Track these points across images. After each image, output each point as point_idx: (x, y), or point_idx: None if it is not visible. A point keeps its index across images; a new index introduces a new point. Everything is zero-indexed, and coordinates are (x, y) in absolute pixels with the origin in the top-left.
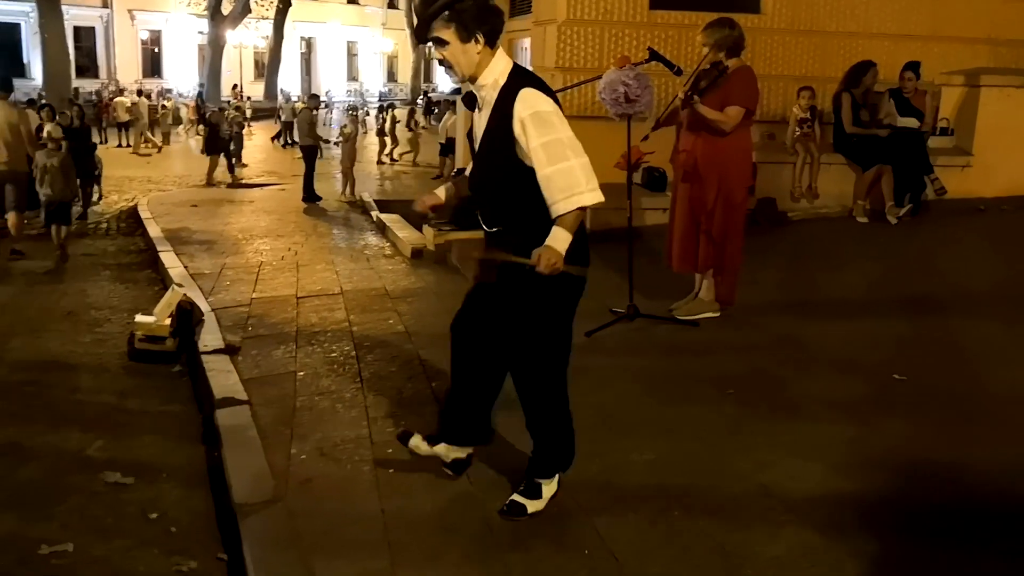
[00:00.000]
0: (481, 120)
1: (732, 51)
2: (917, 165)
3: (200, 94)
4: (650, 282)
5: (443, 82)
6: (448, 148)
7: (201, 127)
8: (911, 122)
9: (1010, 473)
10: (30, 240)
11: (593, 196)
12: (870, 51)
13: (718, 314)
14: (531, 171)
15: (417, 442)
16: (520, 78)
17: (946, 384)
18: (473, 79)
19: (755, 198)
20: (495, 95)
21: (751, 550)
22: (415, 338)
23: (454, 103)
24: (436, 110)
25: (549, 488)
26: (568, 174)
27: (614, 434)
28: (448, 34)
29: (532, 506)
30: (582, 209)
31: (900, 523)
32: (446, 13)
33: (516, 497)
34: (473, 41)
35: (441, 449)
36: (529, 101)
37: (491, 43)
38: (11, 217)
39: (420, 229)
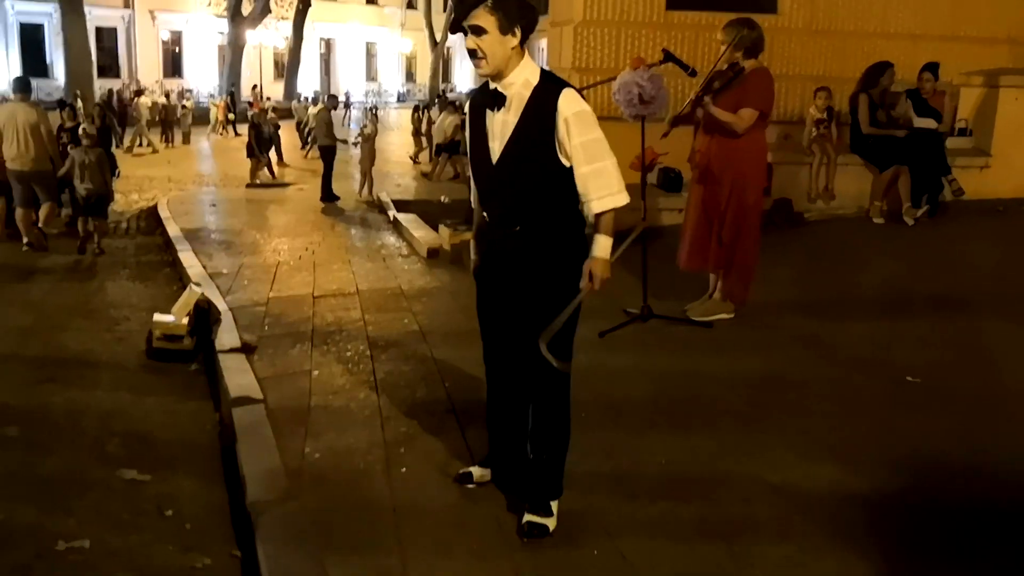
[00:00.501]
0: (507, 118)
1: (750, 52)
2: (935, 166)
3: (231, 94)
4: (664, 283)
5: (461, 82)
6: (447, 148)
7: (230, 128)
8: (929, 123)
9: (1020, 473)
10: (52, 237)
11: (624, 197)
12: (888, 51)
13: (732, 315)
14: (562, 169)
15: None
16: (555, 79)
17: (962, 384)
18: (500, 76)
19: (771, 199)
20: (526, 94)
21: (761, 550)
22: (430, 337)
23: (453, 103)
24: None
25: (555, 503)
26: (606, 174)
27: (626, 433)
28: (489, 22)
29: (551, 523)
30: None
31: (912, 524)
32: (490, 1)
33: (534, 518)
34: (511, 34)
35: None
36: (573, 100)
37: (524, 40)
38: (45, 208)
39: (436, 228)
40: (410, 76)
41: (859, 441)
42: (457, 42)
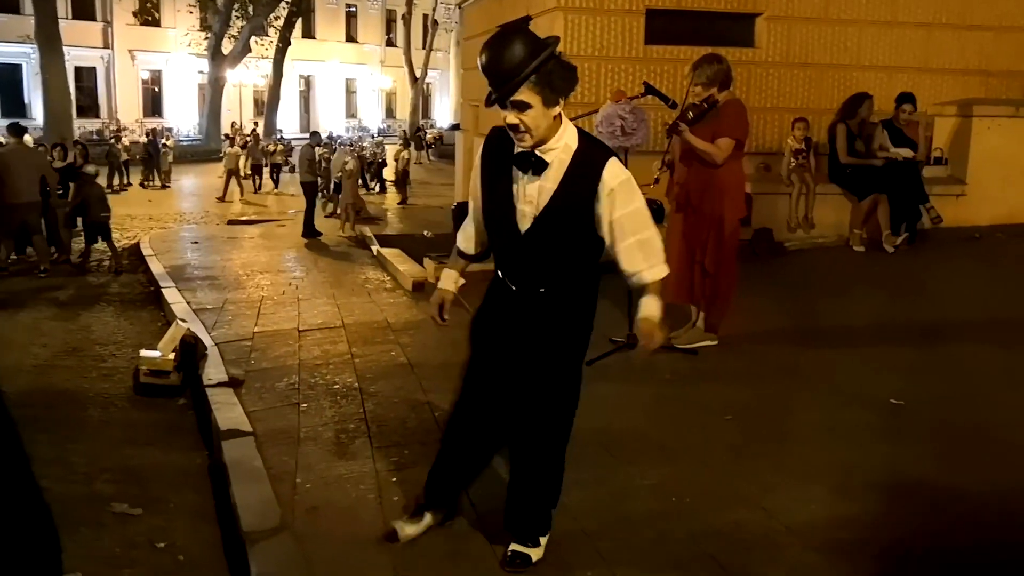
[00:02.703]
0: (544, 184)
1: (723, 85)
2: (912, 194)
3: (253, 135)
4: None
5: (440, 118)
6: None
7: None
8: (905, 152)
9: (1008, 497)
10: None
11: (667, 268)
12: (863, 83)
13: (716, 342)
14: (595, 238)
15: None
16: (593, 143)
17: (945, 409)
18: (541, 142)
19: (751, 229)
20: (567, 159)
21: (753, 572)
22: (418, 369)
23: (344, 143)
24: (432, 146)
25: (543, 538)
26: (653, 243)
27: (617, 460)
28: (535, 99)
29: (536, 553)
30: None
31: (900, 547)
32: (534, 77)
33: (518, 547)
34: (555, 104)
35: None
36: (618, 170)
37: (564, 106)
38: (37, 240)
39: (420, 262)
40: (390, 112)
41: (846, 466)
42: (437, 78)
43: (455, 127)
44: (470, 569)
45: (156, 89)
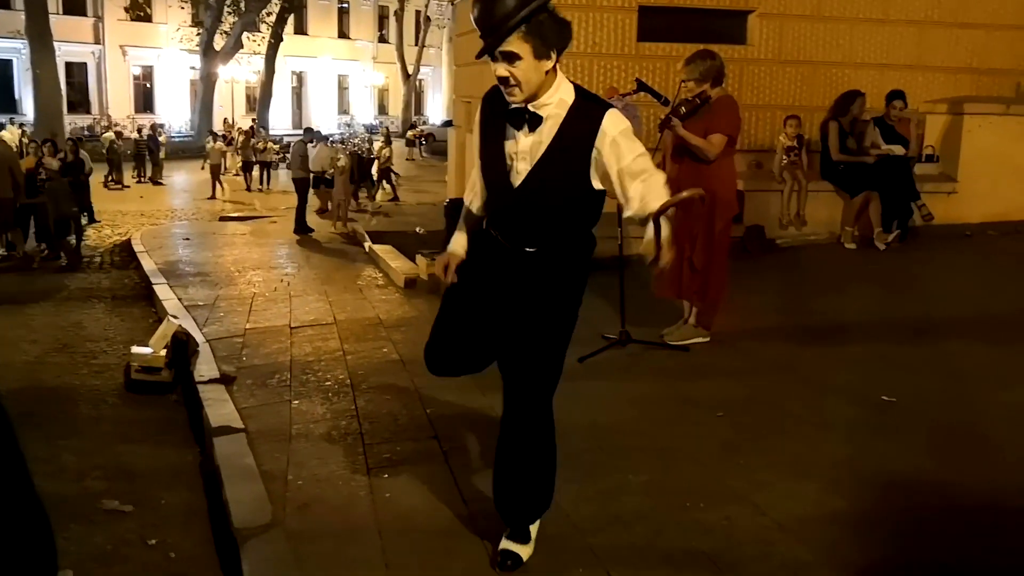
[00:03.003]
0: (539, 140)
1: (716, 81)
2: (904, 191)
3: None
4: (641, 309)
5: (433, 114)
6: (321, 181)
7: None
8: (897, 149)
9: (998, 491)
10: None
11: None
12: (855, 80)
13: (708, 339)
14: (591, 192)
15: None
16: (591, 97)
17: (936, 405)
18: (533, 98)
19: (743, 226)
20: (562, 113)
21: (745, 567)
22: (410, 366)
23: (326, 137)
24: (424, 142)
25: (534, 528)
26: (659, 180)
27: (609, 456)
28: (524, 48)
29: (526, 552)
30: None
31: (891, 541)
32: (524, 26)
33: (509, 545)
34: (546, 58)
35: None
36: (619, 119)
37: (557, 61)
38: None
39: (412, 259)
40: (382, 109)
41: (838, 461)
42: (430, 75)
43: (448, 123)
44: (464, 564)
45: (148, 85)
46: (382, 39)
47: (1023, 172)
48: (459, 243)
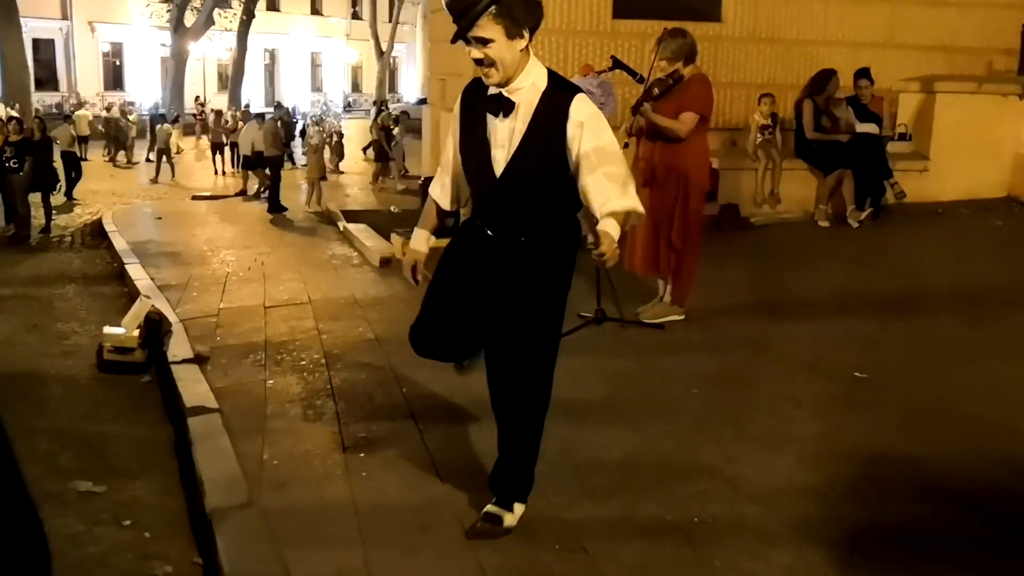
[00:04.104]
0: (514, 126)
1: (689, 59)
2: (877, 170)
3: (285, 110)
4: (616, 287)
5: (407, 92)
6: (253, 163)
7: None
8: (871, 128)
9: (967, 465)
10: None
11: (637, 202)
12: (829, 59)
13: (683, 317)
14: (571, 180)
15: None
16: (562, 82)
17: (907, 380)
18: (508, 81)
19: (718, 204)
20: (535, 99)
21: (719, 541)
22: (385, 345)
23: (259, 116)
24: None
25: (520, 506)
26: (621, 177)
27: (584, 432)
28: (495, 31)
29: (508, 519)
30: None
31: (863, 514)
32: (494, 8)
33: (493, 509)
34: (519, 37)
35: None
36: (586, 104)
37: (531, 39)
38: None
39: (387, 238)
40: (356, 86)
41: (810, 436)
42: (404, 52)
43: (422, 101)
44: (439, 540)
45: (117, 62)
46: (355, 16)
47: (994, 150)
48: (421, 240)
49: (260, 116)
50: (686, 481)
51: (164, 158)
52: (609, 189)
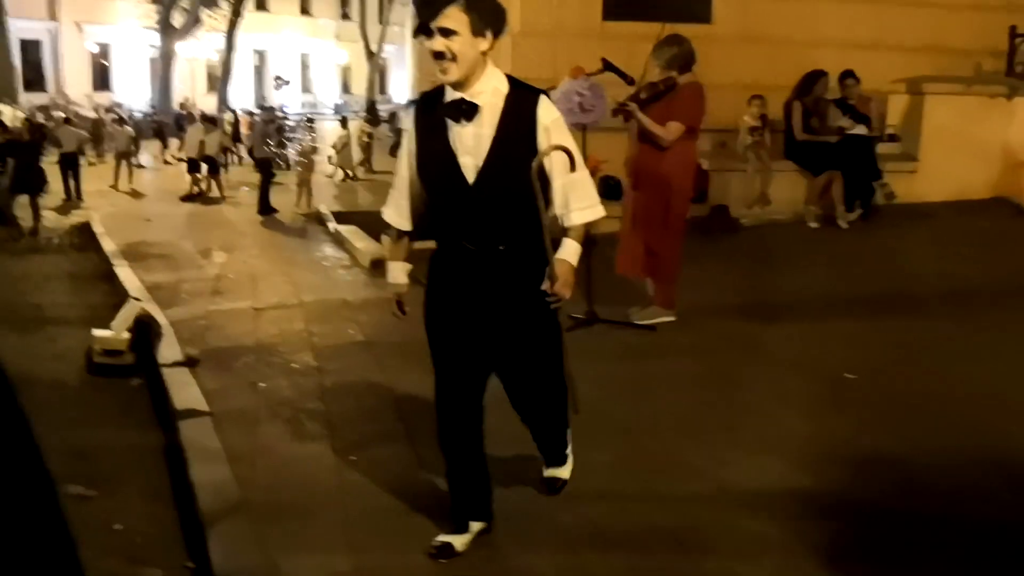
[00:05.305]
0: (480, 131)
1: (683, 68)
2: (866, 171)
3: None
4: (607, 289)
5: (397, 93)
6: (197, 165)
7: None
8: (860, 129)
9: (955, 464)
10: None
11: (602, 210)
12: (818, 60)
13: (674, 318)
14: (546, 181)
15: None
16: (523, 85)
17: (896, 381)
18: (466, 84)
19: (708, 205)
20: (499, 103)
21: (710, 544)
22: (376, 348)
23: (210, 119)
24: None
25: (571, 459)
26: (586, 184)
27: (574, 435)
28: (461, 23)
29: (566, 471)
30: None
31: (852, 514)
32: (462, 1)
33: (554, 472)
34: (482, 36)
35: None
36: (550, 108)
37: (492, 45)
38: None
39: (378, 240)
40: (346, 88)
41: (800, 437)
42: (393, 53)
43: (412, 102)
44: (425, 544)
45: (105, 63)
46: (345, 16)
47: (982, 151)
48: (399, 272)
49: (211, 120)
50: (676, 484)
51: (123, 162)
52: (573, 198)
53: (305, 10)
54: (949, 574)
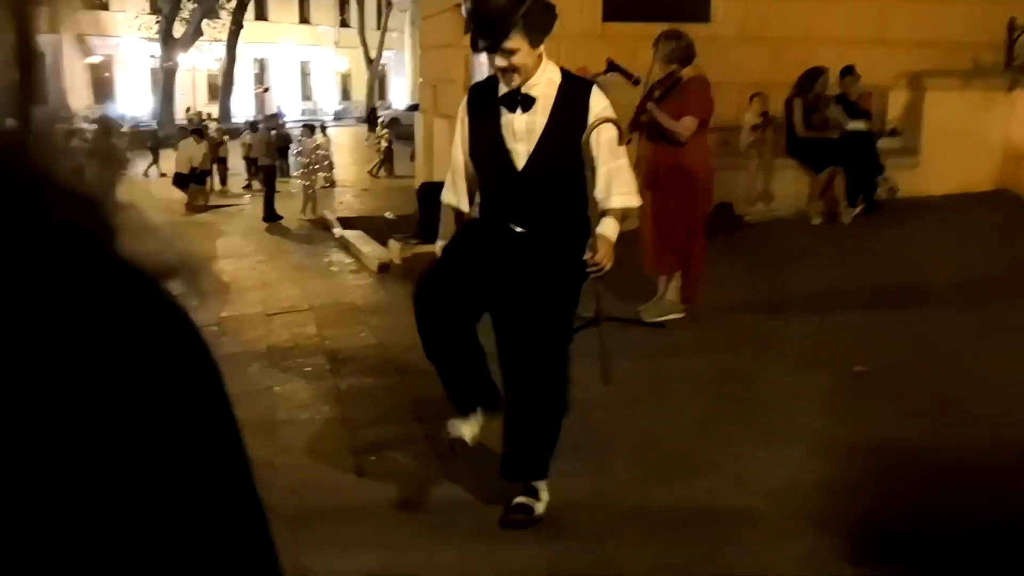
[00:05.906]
0: (533, 119)
1: (685, 61)
2: (868, 166)
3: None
4: (616, 286)
5: (397, 99)
6: (188, 180)
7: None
8: (861, 125)
9: (972, 454)
10: None
11: (639, 198)
12: (818, 56)
13: (683, 315)
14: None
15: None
16: (574, 76)
17: (909, 373)
18: (528, 80)
19: (712, 203)
20: (552, 93)
21: (731, 536)
22: (390, 350)
23: (196, 131)
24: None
25: (544, 493)
26: (628, 172)
27: (590, 434)
28: (523, 43)
29: (539, 507)
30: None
31: (870, 506)
32: (521, 22)
33: (523, 500)
34: (540, 44)
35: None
36: (601, 97)
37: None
38: None
39: (384, 244)
40: (346, 94)
41: (816, 430)
42: (392, 59)
43: (413, 108)
44: (459, 538)
45: (106, 74)
46: (344, 24)
47: (983, 144)
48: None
49: (198, 132)
50: (696, 478)
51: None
52: (616, 183)
53: (304, 18)
54: (971, 565)
